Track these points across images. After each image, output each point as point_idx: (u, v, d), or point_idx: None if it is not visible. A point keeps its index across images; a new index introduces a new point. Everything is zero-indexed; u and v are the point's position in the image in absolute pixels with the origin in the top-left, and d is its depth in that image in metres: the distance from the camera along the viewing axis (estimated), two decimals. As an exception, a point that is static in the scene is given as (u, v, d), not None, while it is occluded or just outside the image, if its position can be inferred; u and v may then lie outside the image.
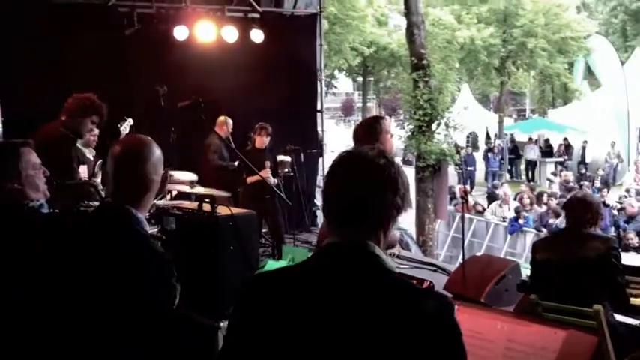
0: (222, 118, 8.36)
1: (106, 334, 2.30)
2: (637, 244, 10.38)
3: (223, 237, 4.47)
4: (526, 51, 26.58)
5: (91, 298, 2.32)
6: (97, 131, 5.60)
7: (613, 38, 33.10)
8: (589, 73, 29.10)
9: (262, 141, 8.28)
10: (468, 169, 25.24)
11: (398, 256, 9.27)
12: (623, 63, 25.91)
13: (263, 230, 8.31)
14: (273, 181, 7.99)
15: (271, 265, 3.47)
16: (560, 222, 12.41)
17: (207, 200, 4.45)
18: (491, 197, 15.42)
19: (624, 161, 23.97)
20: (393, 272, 1.77)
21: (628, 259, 5.18)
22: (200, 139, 8.53)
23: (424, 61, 13.05)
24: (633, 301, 4.79)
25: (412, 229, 13.29)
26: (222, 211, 4.36)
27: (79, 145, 5.37)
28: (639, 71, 25.33)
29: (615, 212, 14.20)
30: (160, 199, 5.79)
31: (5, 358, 2.63)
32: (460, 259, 7.42)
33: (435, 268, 7.38)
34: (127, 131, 6.81)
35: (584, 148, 25.92)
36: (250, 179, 7.83)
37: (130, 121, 6.85)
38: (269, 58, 9.33)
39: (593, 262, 4.53)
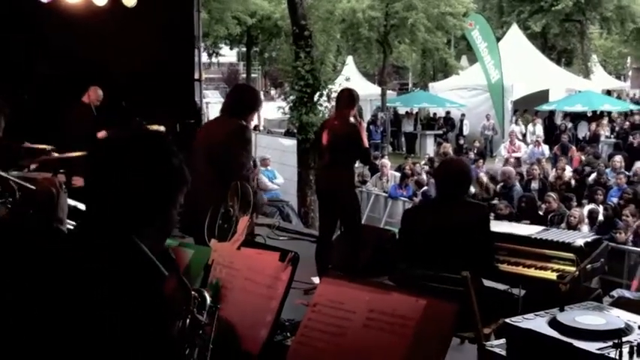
0: (92, 87, 8.03)
1: None
2: (507, 213, 10.75)
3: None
4: (407, 25, 26.93)
5: None
6: None
7: (490, 14, 34.11)
8: (469, 49, 29.89)
9: None
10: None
11: (278, 228, 9.22)
12: (499, 39, 26.78)
13: None
14: None
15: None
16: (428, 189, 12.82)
17: (62, 171, 4.14)
18: (371, 169, 15.63)
19: (499, 134, 24.92)
20: None
21: (498, 226, 5.28)
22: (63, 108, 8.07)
23: (306, 32, 12.89)
24: (501, 267, 4.89)
25: (294, 201, 13.25)
26: (77, 182, 4.06)
27: None
28: (514, 47, 26.42)
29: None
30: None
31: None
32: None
33: (314, 239, 7.41)
34: None
35: (462, 121, 26.79)
36: None
37: None
38: (142, 24, 8.91)
39: (466, 229, 4.53)
